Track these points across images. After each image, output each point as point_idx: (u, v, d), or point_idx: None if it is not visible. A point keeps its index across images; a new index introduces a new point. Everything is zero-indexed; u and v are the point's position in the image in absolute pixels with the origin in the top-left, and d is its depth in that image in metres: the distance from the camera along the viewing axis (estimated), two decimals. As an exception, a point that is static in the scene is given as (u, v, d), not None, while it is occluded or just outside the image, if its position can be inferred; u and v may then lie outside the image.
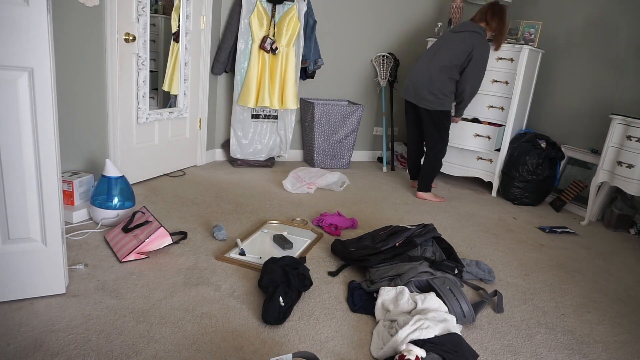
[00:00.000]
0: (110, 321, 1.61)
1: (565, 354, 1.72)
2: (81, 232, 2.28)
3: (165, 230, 2.09)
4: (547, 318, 1.96)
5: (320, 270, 2.15)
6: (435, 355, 1.44)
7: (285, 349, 1.57)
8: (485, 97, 3.64)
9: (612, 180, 3.09)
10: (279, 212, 2.85)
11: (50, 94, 1.53)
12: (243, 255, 2.19)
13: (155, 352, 1.49)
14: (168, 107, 3.38)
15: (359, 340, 1.67)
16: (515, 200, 3.59)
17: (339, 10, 4.07)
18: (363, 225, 2.77)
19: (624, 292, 2.30)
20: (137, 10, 2.74)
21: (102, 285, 1.83)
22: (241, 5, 3.44)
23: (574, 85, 3.75)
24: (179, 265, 2.06)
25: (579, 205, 3.51)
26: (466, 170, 3.85)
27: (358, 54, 4.26)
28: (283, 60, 3.60)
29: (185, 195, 2.96)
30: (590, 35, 3.63)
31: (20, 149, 1.53)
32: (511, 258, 2.55)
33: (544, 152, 3.51)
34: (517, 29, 3.80)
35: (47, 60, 1.50)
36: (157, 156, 3.22)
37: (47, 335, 1.50)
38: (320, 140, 3.96)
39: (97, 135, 2.72)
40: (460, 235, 2.80)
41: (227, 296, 1.85)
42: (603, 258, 2.71)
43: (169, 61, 3.30)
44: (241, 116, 3.70)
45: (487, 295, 2.02)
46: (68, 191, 2.40)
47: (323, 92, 4.26)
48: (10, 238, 1.59)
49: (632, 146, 2.96)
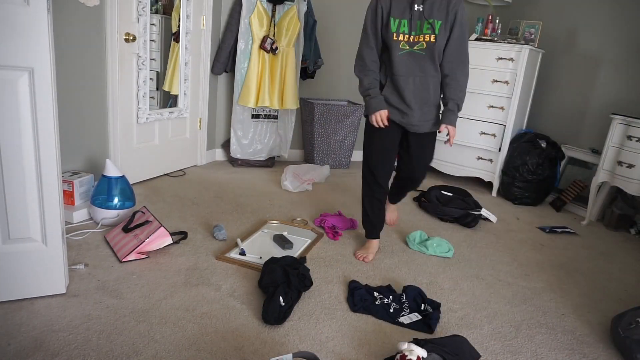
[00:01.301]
0: (110, 321, 1.61)
1: (566, 354, 1.72)
2: (81, 232, 2.28)
3: (166, 230, 2.09)
4: (547, 318, 1.96)
5: (320, 270, 2.15)
6: (436, 356, 1.44)
7: (286, 349, 1.57)
8: (486, 97, 3.64)
9: (613, 180, 3.09)
10: (279, 212, 2.85)
11: (50, 94, 1.53)
12: (243, 255, 2.19)
13: (155, 352, 1.48)
14: (168, 107, 3.38)
15: (359, 340, 1.66)
16: (516, 200, 3.58)
17: (339, 10, 4.07)
18: (363, 225, 2.78)
19: (624, 292, 2.30)
20: (138, 10, 2.74)
21: (102, 285, 1.83)
22: (241, 5, 3.44)
23: (574, 85, 3.75)
24: (179, 265, 2.06)
25: (579, 205, 3.51)
26: (466, 170, 3.85)
27: (358, 54, 4.26)
28: (283, 60, 3.60)
29: (186, 195, 2.96)
30: (590, 35, 3.62)
31: (20, 148, 1.53)
32: (511, 258, 2.55)
33: (544, 152, 3.51)
34: (517, 29, 3.80)
35: (48, 60, 1.50)
36: (157, 156, 3.22)
37: (47, 335, 1.50)
38: (321, 140, 3.96)
39: (97, 135, 2.72)
40: (461, 235, 2.80)
41: (227, 296, 1.85)
42: (603, 258, 2.71)
43: (170, 61, 3.30)
44: (241, 116, 3.70)
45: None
46: (68, 191, 2.40)
47: (323, 92, 4.26)
48: (11, 238, 1.59)
49: (632, 146, 2.96)
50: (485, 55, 3.59)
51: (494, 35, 3.70)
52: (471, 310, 1.95)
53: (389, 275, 2.17)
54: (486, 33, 3.69)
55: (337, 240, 2.52)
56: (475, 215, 2.97)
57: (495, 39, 3.64)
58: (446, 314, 1.90)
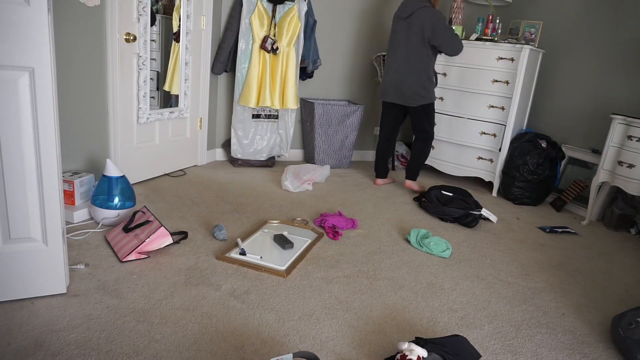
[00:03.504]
0: (110, 321, 1.61)
1: (566, 354, 1.72)
2: (82, 231, 2.28)
3: (166, 230, 2.09)
4: (547, 318, 1.96)
5: (320, 270, 2.15)
6: (437, 356, 1.44)
7: (286, 349, 1.57)
8: (486, 97, 3.64)
9: (613, 180, 3.09)
10: (280, 212, 2.85)
11: (50, 94, 1.53)
12: (244, 255, 2.19)
13: (155, 351, 1.49)
14: (168, 107, 3.39)
15: (359, 340, 1.67)
16: (516, 200, 3.58)
17: (339, 10, 4.07)
18: (363, 225, 2.77)
19: (624, 292, 2.30)
20: (138, 10, 2.75)
21: (102, 285, 1.83)
22: (242, 5, 3.44)
23: (575, 85, 3.75)
24: (179, 265, 2.06)
25: (580, 205, 3.51)
26: (467, 170, 3.85)
27: (358, 54, 4.26)
28: (284, 60, 3.60)
29: (186, 195, 2.96)
30: (590, 35, 3.62)
31: (21, 148, 1.53)
32: (512, 258, 2.55)
33: (545, 152, 3.51)
34: (517, 29, 3.80)
35: (48, 60, 1.50)
36: (157, 156, 3.22)
37: (47, 335, 1.51)
38: (321, 140, 3.97)
39: (97, 135, 2.72)
40: (461, 235, 2.80)
41: (227, 296, 1.85)
42: (603, 258, 2.71)
43: (170, 61, 3.30)
44: (242, 116, 3.70)
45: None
46: (69, 191, 2.40)
47: (323, 92, 4.26)
48: (11, 238, 1.60)
49: (632, 146, 2.96)
50: (485, 55, 3.59)
51: (494, 35, 3.70)
52: (471, 310, 1.95)
53: (389, 275, 2.17)
54: (486, 33, 3.69)
55: (337, 240, 2.52)
56: (475, 215, 2.97)
57: (495, 39, 3.64)
58: (446, 313, 1.90)
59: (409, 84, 3.28)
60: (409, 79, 3.27)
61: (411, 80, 3.27)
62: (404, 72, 3.28)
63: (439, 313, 1.90)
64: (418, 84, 3.26)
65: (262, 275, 2.04)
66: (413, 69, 3.25)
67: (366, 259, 2.33)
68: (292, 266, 2.14)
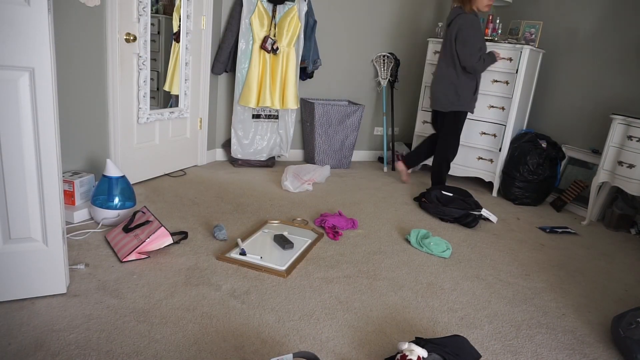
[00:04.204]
0: (111, 321, 1.61)
1: (566, 354, 1.72)
2: (82, 232, 2.28)
3: (166, 230, 2.09)
4: (547, 318, 1.96)
5: (320, 270, 2.15)
6: (437, 356, 1.44)
7: (286, 349, 1.57)
8: (486, 97, 3.64)
9: (613, 180, 3.09)
10: (280, 212, 2.85)
11: (51, 94, 1.53)
12: (244, 255, 2.19)
13: (156, 351, 1.49)
14: (169, 107, 3.39)
15: (359, 340, 1.67)
16: (516, 200, 3.58)
17: (339, 10, 4.07)
18: (363, 226, 2.77)
19: (624, 292, 2.30)
20: (138, 10, 2.75)
21: (102, 285, 1.83)
22: (242, 5, 3.44)
23: (575, 85, 3.75)
24: (179, 265, 2.06)
25: (580, 205, 3.51)
26: (467, 170, 3.85)
27: (358, 54, 4.26)
28: (284, 60, 3.60)
29: (186, 195, 2.96)
30: (590, 35, 3.62)
31: (21, 148, 1.53)
32: (512, 258, 2.55)
33: (545, 152, 3.51)
34: (517, 29, 3.80)
35: (48, 60, 1.50)
36: (157, 156, 3.22)
37: (47, 335, 1.51)
38: (321, 140, 3.97)
39: (97, 135, 2.72)
40: (461, 236, 2.80)
41: (227, 296, 1.85)
42: (604, 258, 2.71)
43: (170, 61, 3.30)
44: (242, 116, 3.70)
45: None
46: (69, 191, 2.40)
47: (323, 92, 4.26)
48: (12, 238, 1.60)
49: (632, 146, 2.96)
50: (485, 55, 3.58)
51: (494, 35, 3.70)
52: (472, 310, 1.95)
53: (389, 275, 2.17)
54: (487, 33, 3.69)
55: (338, 240, 2.52)
56: (475, 216, 2.97)
57: (495, 39, 3.65)
58: (446, 313, 1.90)
59: (438, 89, 3.33)
60: (438, 85, 3.32)
61: (439, 86, 3.31)
62: (436, 78, 3.35)
63: (439, 313, 1.90)
64: (445, 91, 3.28)
65: (262, 275, 2.04)
66: (443, 74, 3.28)
67: (366, 259, 2.33)
68: (292, 266, 2.14)
